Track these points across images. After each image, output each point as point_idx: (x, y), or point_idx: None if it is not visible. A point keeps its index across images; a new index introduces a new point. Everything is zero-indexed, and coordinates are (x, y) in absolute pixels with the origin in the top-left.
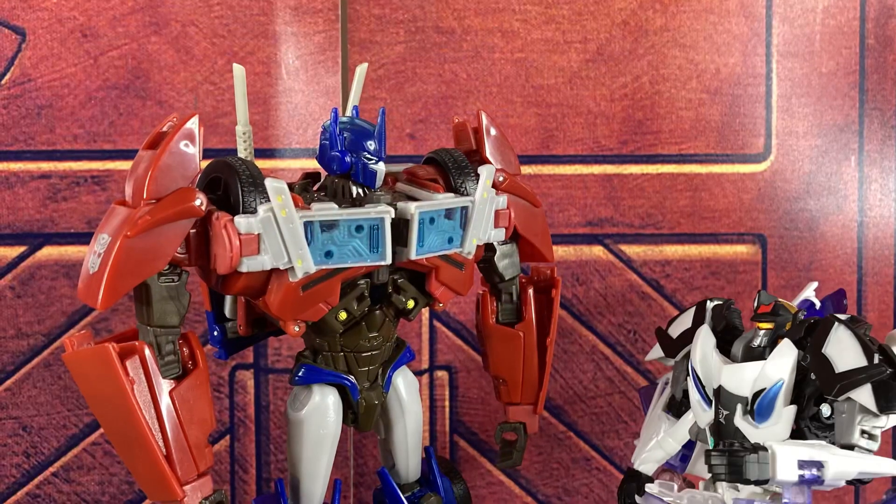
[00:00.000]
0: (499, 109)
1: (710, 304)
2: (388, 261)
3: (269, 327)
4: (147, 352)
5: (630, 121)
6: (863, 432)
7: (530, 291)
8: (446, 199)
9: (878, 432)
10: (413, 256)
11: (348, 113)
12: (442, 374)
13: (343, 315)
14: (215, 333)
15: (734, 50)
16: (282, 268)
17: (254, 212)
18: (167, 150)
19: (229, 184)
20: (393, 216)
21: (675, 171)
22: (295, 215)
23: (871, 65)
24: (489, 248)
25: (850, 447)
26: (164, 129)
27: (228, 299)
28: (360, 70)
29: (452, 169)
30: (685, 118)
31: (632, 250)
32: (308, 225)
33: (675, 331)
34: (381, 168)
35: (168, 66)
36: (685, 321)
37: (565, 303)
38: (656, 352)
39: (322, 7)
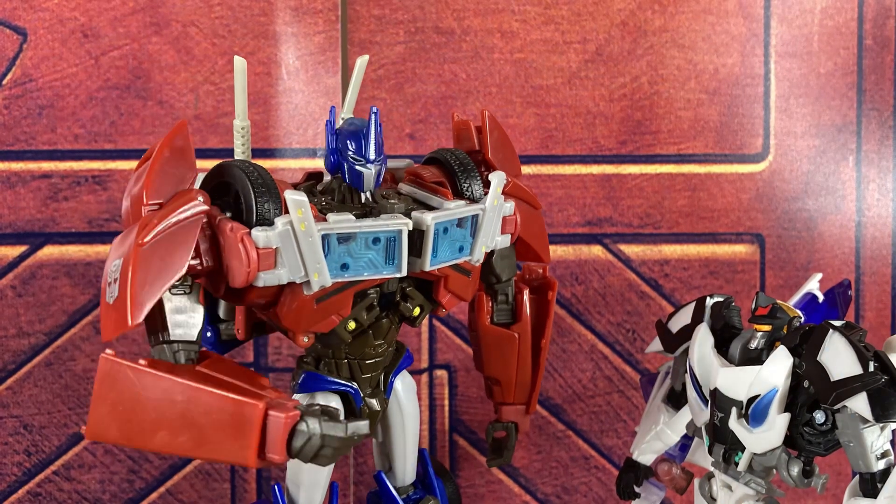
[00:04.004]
0: (498, 110)
1: (709, 301)
2: (404, 273)
3: (267, 330)
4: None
5: (629, 121)
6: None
7: (526, 292)
8: (459, 209)
9: (888, 446)
10: (427, 268)
11: (345, 114)
12: (441, 373)
13: (352, 325)
14: (208, 335)
15: (733, 50)
16: (298, 281)
17: (270, 223)
18: (160, 157)
19: (241, 192)
20: (410, 228)
21: (674, 171)
22: (314, 229)
23: (868, 65)
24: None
25: (871, 473)
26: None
27: (223, 301)
28: (361, 62)
29: (458, 171)
30: (684, 118)
31: (630, 250)
32: (325, 237)
33: (675, 325)
34: (367, 171)
35: (169, 66)
36: (685, 316)
37: (564, 302)
38: (656, 345)
39: (322, 7)
